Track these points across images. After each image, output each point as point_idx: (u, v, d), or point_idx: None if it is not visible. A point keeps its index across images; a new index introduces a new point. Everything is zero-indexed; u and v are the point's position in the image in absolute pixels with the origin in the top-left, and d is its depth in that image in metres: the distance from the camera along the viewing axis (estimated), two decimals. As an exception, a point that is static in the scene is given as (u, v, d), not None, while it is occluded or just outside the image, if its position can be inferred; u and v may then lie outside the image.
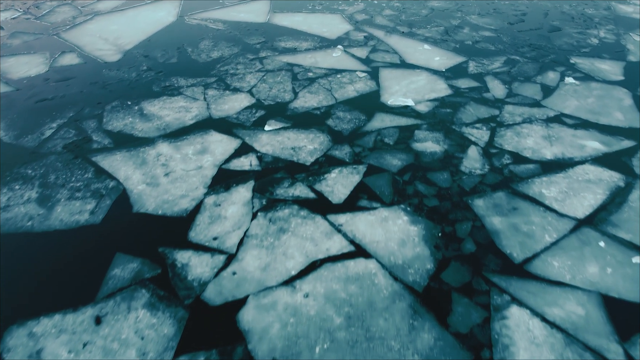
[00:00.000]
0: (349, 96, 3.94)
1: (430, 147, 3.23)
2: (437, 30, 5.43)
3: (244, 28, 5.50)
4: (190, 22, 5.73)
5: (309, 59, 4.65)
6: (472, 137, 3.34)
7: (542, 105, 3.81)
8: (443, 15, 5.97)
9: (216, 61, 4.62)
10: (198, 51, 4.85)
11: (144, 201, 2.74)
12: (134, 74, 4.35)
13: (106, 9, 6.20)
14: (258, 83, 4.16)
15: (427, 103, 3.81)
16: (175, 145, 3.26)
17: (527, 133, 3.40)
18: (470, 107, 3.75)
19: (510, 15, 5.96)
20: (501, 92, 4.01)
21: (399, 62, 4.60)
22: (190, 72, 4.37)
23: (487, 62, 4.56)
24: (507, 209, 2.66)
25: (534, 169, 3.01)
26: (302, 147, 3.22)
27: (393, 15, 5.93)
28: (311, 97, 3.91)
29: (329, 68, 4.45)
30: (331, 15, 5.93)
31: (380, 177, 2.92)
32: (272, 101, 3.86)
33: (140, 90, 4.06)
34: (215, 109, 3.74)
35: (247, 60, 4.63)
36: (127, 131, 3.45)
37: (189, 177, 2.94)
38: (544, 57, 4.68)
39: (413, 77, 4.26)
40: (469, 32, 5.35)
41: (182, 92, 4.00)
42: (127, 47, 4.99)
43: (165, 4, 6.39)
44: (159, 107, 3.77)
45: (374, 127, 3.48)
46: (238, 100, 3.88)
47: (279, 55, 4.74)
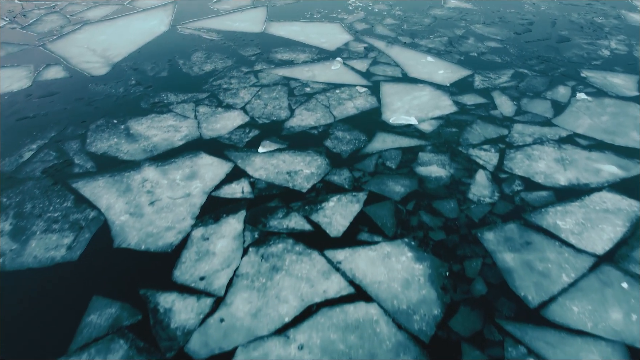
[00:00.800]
0: (348, 114, 3.78)
1: (435, 171, 3.07)
2: (440, 40, 5.29)
3: (238, 38, 5.36)
4: (183, 31, 5.59)
5: (307, 72, 4.51)
6: (480, 160, 3.18)
7: (553, 124, 3.65)
8: (446, 24, 5.83)
9: (209, 75, 4.47)
10: (190, 64, 4.70)
11: (126, 234, 2.57)
12: (121, 89, 4.20)
13: (96, 17, 6.06)
14: (252, 99, 4.01)
15: (431, 121, 3.66)
16: (163, 170, 3.10)
17: (539, 155, 3.24)
18: (477, 126, 3.59)
19: (516, 24, 5.82)
20: (509, 109, 3.85)
21: (400, 75, 4.45)
22: (181, 87, 4.22)
23: (493, 76, 4.41)
24: (520, 244, 2.49)
25: (547, 196, 2.85)
26: (298, 172, 3.06)
27: (394, 25, 5.79)
28: (308, 115, 3.75)
29: (328, 82, 4.30)
30: (330, 25, 5.79)
31: (382, 207, 2.76)
32: (267, 119, 3.71)
33: (127, 107, 3.90)
34: (206, 128, 3.58)
35: (241, 73, 4.48)
36: (111, 153, 3.29)
37: (176, 206, 2.77)
38: (554, 70, 4.54)
39: (416, 93, 4.11)
40: (473, 43, 5.21)
41: (171, 110, 3.84)
42: (116, 59, 4.84)
43: (158, 13, 6.25)
44: (147, 126, 3.61)
45: (375, 148, 3.32)
46: (231, 118, 3.72)
47: (274, 68, 4.59)
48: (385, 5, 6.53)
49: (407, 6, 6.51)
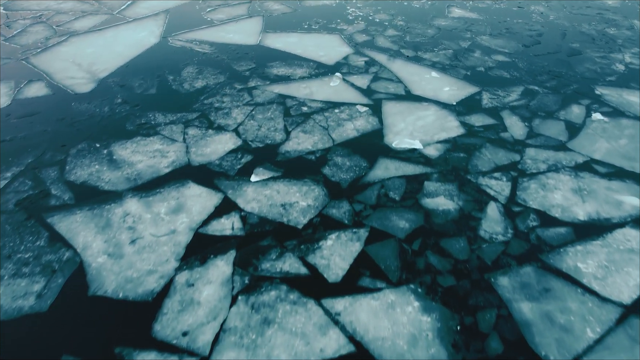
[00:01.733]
0: (348, 136, 3.60)
1: (443, 203, 2.88)
2: (445, 54, 5.12)
3: (232, 51, 5.19)
4: (174, 43, 5.42)
5: (304, 89, 4.33)
6: (491, 191, 3.00)
7: (568, 148, 3.47)
8: (451, 35, 5.67)
9: (200, 92, 4.29)
10: (180, 80, 4.53)
11: (103, 279, 2.37)
12: (106, 108, 4.02)
13: (83, 28, 5.90)
14: (246, 120, 3.83)
15: (437, 145, 3.48)
16: (146, 202, 2.91)
17: (554, 185, 3.05)
18: (487, 150, 3.41)
19: (524, 36, 5.66)
20: (521, 131, 3.67)
21: (403, 93, 4.28)
22: (170, 106, 4.04)
23: (502, 94, 4.24)
24: (538, 291, 2.30)
25: (565, 234, 2.66)
26: (294, 204, 2.87)
27: (396, 36, 5.63)
28: (305, 138, 3.57)
29: (326, 101, 4.12)
30: (329, 36, 5.63)
31: (385, 246, 2.57)
32: (261, 143, 3.52)
33: (111, 129, 3.72)
34: (195, 153, 3.39)
35: (235, 91, 4.30)
36: (92, 182, 3.10)
37: (159, 245, 2.58)
38: (566, 87, 4.36)
39: (420, 112, 3.94)
40: (480, 57, 5.04)
41: (159, 132, 3.66)
42: (102, 74, 4.66)
43: (149, 23, 6.09)
44: (132, 150, 3.43)
45: (377, 176, 3.14)
46: (222, 141, 3.54)
47: (270, 84, 4.42)
48: (386, 15, 6.38)
49: (410, 16, 6.36)
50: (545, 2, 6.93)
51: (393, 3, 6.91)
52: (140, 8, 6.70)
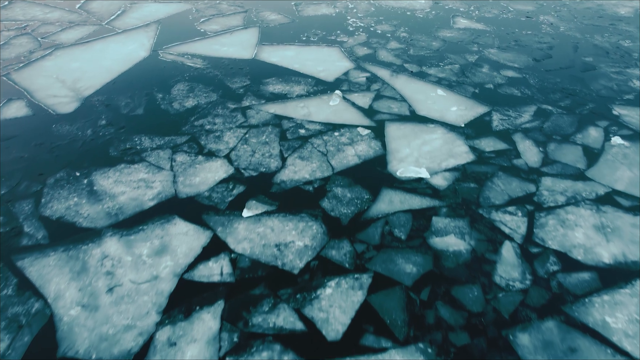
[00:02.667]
0: (348, 164, 3.40)
1: (453, 243, 2.68)
2: (451, 69, 4.93)
3: (226, 66, 5.00)
4: (164, 57, 5.23)
5: (301, 109, 4.14)
6: (506, 228, 2.79)
7: (587, 177, 3.27)
8: (457, 48, 5.48)
9: (190, 112, 4.10)
10: (170, 98, 4.33)
11: (74, 337, 2.16)
12: (89, 131, 3.82)
13: (69, 40, 5.72)
14: (238, 144, 3.63)
15: (445, 174, 3.27)
16: (127, 241, 2.70)
17: (575, 221, 2.85)
18: (499, 180, 3.21)
19: (534, 49, 5.48)
20: (535, 157, 3.47)
21: (408, 113, 4.08)
22: (157, 128, 3.84)
23: (513, 114, 4.04)
24: (563, 351, 2.09)
25: (590, 280, 2.45)
26: (289, 245, 2.67)
27: (399, 49, 5.44)
28: (302, 166, 3.37)
29: (325, 122, 3.92)
30: (328, 49, 5.45)
31: (390, 295, 2.36)
32: (254, 171, 3.32)
33: (94, 154, 3.52)
34: (183, 184, 3.19)
35: (227, 111, 4.11)
36: (69, 218, 2.89)
37: (140, 294, 2.37)
38: (581, 107, 4.17)
39: (426, 136, 3.74)
40: (488, 72, 4.86)
41: (144, 158, 3.46)
42: (87, 92, 4.47)
43: (139, 35, 5.91)
44: (114, 180, 3.22)
45: (380, 211, 2.93)
46: (212, 169, 3.33)
47: (265, 104, 4.22)
48: (389, 26, 6.20)
49: (413, 27, 6.18)
50: (554, 12, 6.77)
51: (396, 13, 6.75)
52: (131, 18, 6.53)
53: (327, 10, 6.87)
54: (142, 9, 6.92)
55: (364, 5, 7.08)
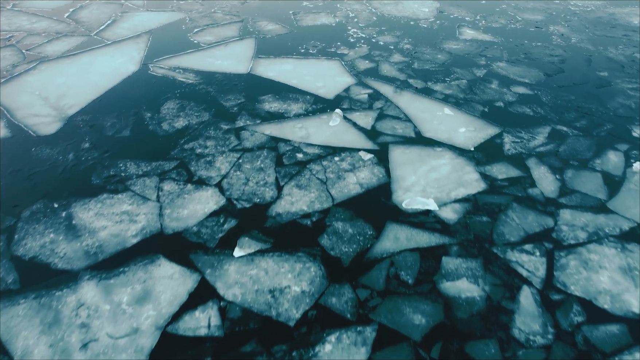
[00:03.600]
0: (350, 193, 3.20)
1: (466, 289, 2.47)
2: (458, 84, 4.74)
3: (219, 82, 4.81)
4: (155, 72, 5.05)
5: (299, 130, 3.94)
6: (523, 270, 2.58)
7: (609, 209, 3.07)
8: (464, 62, 5.30)
9: (180, 134, 3.90)
10: (159, 118, 4.14)
11: (41, 405, 1.95)
12: (71, 155, 3.62)
13: (55, 53, 5.53)
14: (231, 171, 3.43)
15: (455, 206, 3.07)
16: (106, 286, 2.49)
17: (598, 262, 2.64)
18: (514, 213, 3.01)
19: (545, 62, 5.29)
20: (552, 186, 3.27)
21: (413, 135, 3.89)
22: (144, 153, 3.64)
23: (526, 136, 3.85)
24: (593, 423, 1.87)
25: (619, 334, 2.24)
26: (285, 290, 2.46)
27: (403, 63, 5.26)
28: (300, 195, 3.17)
29: (325, 145, 3.73)
30: (328, 63, 5.26)
31: (397, 353, 2.15)
32: (248, 202, 3.12)
33: (74, 183, 3.32)
34: (169, 217, 2.99)
35: (220, 132, 3.91)
36: (43, 258, 2.69)
37: (117, 351, 2.16)
38: (599, 128, 3.98)
39: (433, 161, 3.54)
40: (498, 88, 4.67)
41: (129, 187, 3.26)
42: (71, 110, 4.28)
43: (129, 47, 5.72)
44: (95, 212, 3.02)
45: (385, 249, 2.73)
46: (202, 200, 3.13)
47: (260, 124, 4.03)
48: (391, 37, 6.02)
49: (417, 38, 6.00)
50: (564, 22, 6.60)
51: (398, 23, 6.57)
52: (121, 29, 6.35)
53: (326, 20, 6.70)
54: (133, 19, 6.75)
55: (366, 15, 6.92)
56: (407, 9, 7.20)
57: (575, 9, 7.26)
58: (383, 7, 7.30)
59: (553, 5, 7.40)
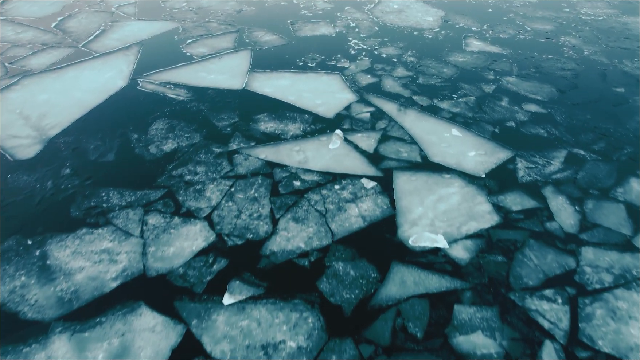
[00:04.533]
0: (351, 227, 2.99)
1: (482, 344, 2.25)
2: (466, 102, 4.54)
3: (212, 99, 4.61)
4: (144, 87, 4.84)
5: (296, 154, 3.73)
6: (544, 321, 2.37)
7: (635, 247, 2.86)
8: (471, 76, 5.10)
9: (169, 158, 3.69)
10: (146, 140, 3.93)
11: None
12: (50, 183, 3.41)
13: (40, 66, 5.33)
14: (222, 201, 3.22)
15: (467, 243, 2.86)
16: (80, 340, 2.28)
17: (627, 311, 2.43)
18: (532, 252, 2.79)
19: (558, 76, 5.10)
20: (571, 219, 3.06)
21: (419, 159, 3.68)
22: (129, 180, 3.44)
23: (541, 161, 3.64)
24: None
25: (656, 401, 2.02)
26: (279, 346, 2.24)
27: (407, 77, 5.06)
28: (297, 230, 2.95)
29: (324, 171, 3.52)
30: (327, 77, 5.06)
31: None
32: (240, 238, 2.91)
33: (52, 215, 3.10)
34: (153, 256, 2.77)
35: (211, 157, 3.70)
36: (11, 306, 2.47)
37: None
38: (618, 152, 3.78)
39: (441, 189, 3.33)
40: (509, 106, 4.47)
41: (111, 220, 3.05)
42: (53, 131, 4.07)
43: (117, 60, 5.53)
44: (72, 251, 2.81)
45: (391, 296, 2.51)
46: (190, 236, 2.92)
47: (255, 147, 3.82)
48: (394, 49, 5.83)
49: (421, 50, 5.81)
50: (575, 32, 6.41)
51: (402, 33, 6.39)
52: (110, 39, 6.16)
53: (326, 30, 6.51)
54: (123, 29, 6.56)
55: (367, 24, 6.73)
56: (411, 18, 7.02)
57: (586, 18, 7.08)
58: (385, 16, 7.12)
59: (563, 14, 7.22)
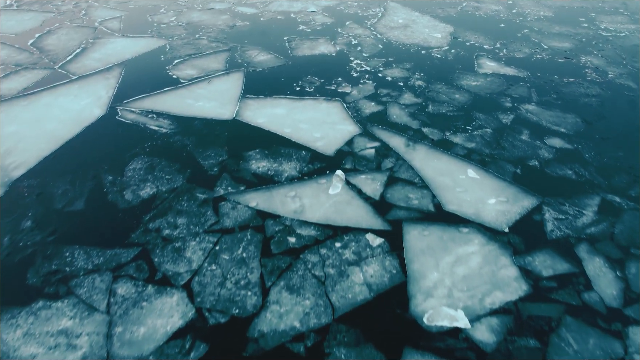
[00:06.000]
0: (355, 299, 2.63)
1: None
2: (482, 135, 4.19)
3: (198, 131, 4.26)
4: (123, 117, 4.49)
5: (292, 201, 3.37)
6: None
7: (692, 327, 2.48)
8: (486, 104, 4.76)
9: (145, 206, 3.33)
10: (121, 183, 3.57)
11: None
12: (6, 239, 3.05)
13: (11, 92, 4.99)
14: (205, 263, 2.85)
15: (492, 321, 2.49)
16: None
17: (693, 420, 2.04)
18: (570, 334, 2.42)
19: (582, 104, 4.75)
20: (613, 289, 2.69)
21: (432, 207, 3.32)
22: (98, 235, 3.08)
23: (571, 211, 3.28)
24: None
25: None
26: None
27: (415, 105, 4.71)
28: (291, 304, 2.59)
29: (323, 224, 3.16)
30: (327, 105, 4.71)
31: None
32: (223, 314, 2.54)
33: (4, 283, 2.74)
34: (120, 339, 2.40)
35: (195, 205, 3.34)
36: (-57, 411, 2.08)
37: None
38: (659, 199, 3.41)
39: (459, 248, 2.96)
40: (530, 141, 4.11)
41: (73, 290, 2.68)
42: (17, 172, 3.72)
43: (97, 84, 5.19)
44: (24, 331, 2.44)
45: (403, 397, 2.13)
46: (165, 311, 2.55)
47: (244, 192, 3.46)
48: (400, 71, 5.49)
49: (430, 72, 5.47)
50: (597, 51, 6.08)
51: (408, 52, 6.06)
52: (91, 59, 5.83)
53: (326, 49, 6.18)
54: (105, 47, 6.24)
55: (370, 42, 6.40)
56: (417, 35, 6.69)
57: (606, 34, 6.76)
58: (389, 32, 6.79)
59: (581, 30, 6.90)
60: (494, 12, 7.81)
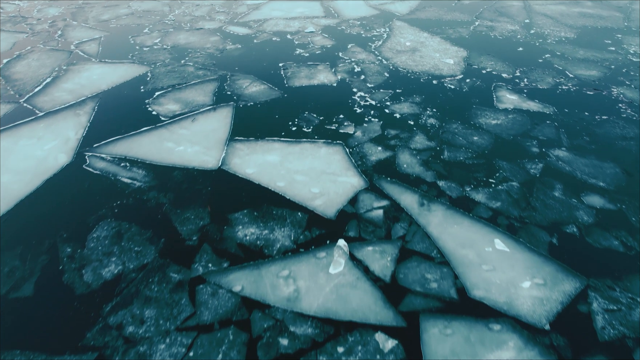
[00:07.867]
0: None
1: None
2: (507, 191, 3.72)
3: (178, 185, 3.79)
4: (92, 166, 4.03)
5: (284, 284, 2.89)
6: None
7: None
8: (510, 149, 4.29)
9: (107, 292, 2.85)
10: (81, 258, 3.09)
11: None
12: None
13: (-34, 132, 4.52)
14: (175, 378, 2.35)
15: None
16: None
17: None
18: None
19: (619, 149, 4.29)
20: (689, 420, 2.19)
21: (454, 293, 2.84)
22: (45, 333, 2.60)
23: (624, 298, 2.81)
24: None
25: None
26: None
27: (429, 151, 4.25)
28: None
29: (323, 317, 2.68)
30: (327, 150, 4.25)
31: None
32: None
33: None
34: None
35: (167, 289, 2.86)
36: None
37: None
38: None
39: (491, 355, 2.48)
40: (564, 198, 3.64)
41: (5, 420, 2.17)
42: (-42, 241, 3.23)
43: (65, 122, 4.73)
44: None
45: None
46: None
47: (228, 271, 2.99)
48: (410, 106, 5.04)
49: (443, 107, 5.02)
50: (629, 80, 5.64)
51: (417, 82, 5.61)
52: (62, 91, 5.39)
53: (325, 78, 5.74)
54: (80, 75, 5.80)
55: (375, 69, 5.96)
56: (427, 61, 6.25)
57: (637, 60, 6.32)
58: (396, 58, 6.36)
59: (609, 55, 6.47)
60: (510, 33, 7.39)
